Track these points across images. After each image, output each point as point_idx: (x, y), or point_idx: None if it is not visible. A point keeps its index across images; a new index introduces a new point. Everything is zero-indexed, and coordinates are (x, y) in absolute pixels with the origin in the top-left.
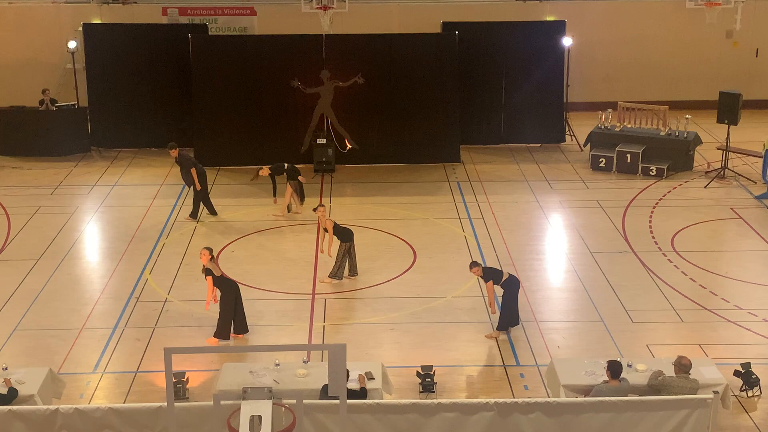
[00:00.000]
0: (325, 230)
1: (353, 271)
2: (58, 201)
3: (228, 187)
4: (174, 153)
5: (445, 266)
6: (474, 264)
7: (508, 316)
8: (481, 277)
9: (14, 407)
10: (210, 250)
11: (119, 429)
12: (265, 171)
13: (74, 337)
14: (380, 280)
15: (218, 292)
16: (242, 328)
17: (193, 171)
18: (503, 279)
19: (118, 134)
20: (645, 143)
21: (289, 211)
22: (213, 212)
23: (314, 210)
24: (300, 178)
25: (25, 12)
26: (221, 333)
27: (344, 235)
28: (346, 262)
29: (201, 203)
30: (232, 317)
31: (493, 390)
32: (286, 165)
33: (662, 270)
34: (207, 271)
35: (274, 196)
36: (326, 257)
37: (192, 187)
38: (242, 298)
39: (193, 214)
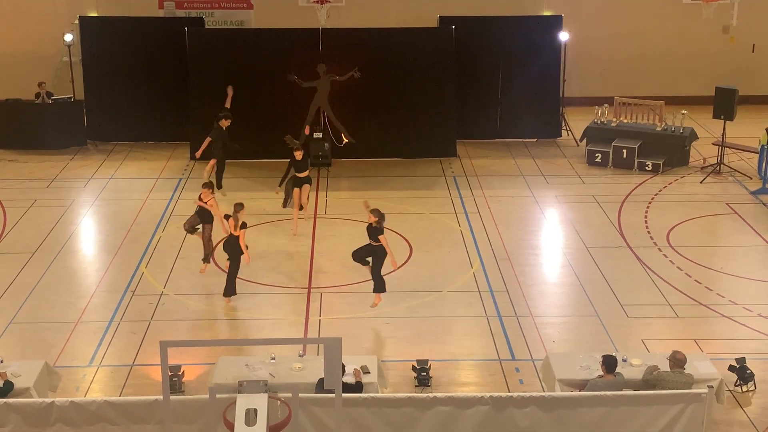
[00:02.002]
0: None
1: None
2: (54, 194)
3: (224, 180)
4: (227, 123)
5: (440, 260)
6: (375, 211)
7: (381, 282)
8: (375, 225)
9: (10, 400)
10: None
11: (115, 422)
12: (299, 154)
13: (70, 330)
14: None
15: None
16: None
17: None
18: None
19: (115, 127)
20: (641, 138)
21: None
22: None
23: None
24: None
25: (22, 4)
26: (229, 290)
27: (206, 217)
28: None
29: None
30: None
31: (488, 384)
32: (309, 172)
33: (657, 265)
34: (243, 225)
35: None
36: (322, 251)
37: (218, 161)
38: (238, 291)
39: (219, 185)
